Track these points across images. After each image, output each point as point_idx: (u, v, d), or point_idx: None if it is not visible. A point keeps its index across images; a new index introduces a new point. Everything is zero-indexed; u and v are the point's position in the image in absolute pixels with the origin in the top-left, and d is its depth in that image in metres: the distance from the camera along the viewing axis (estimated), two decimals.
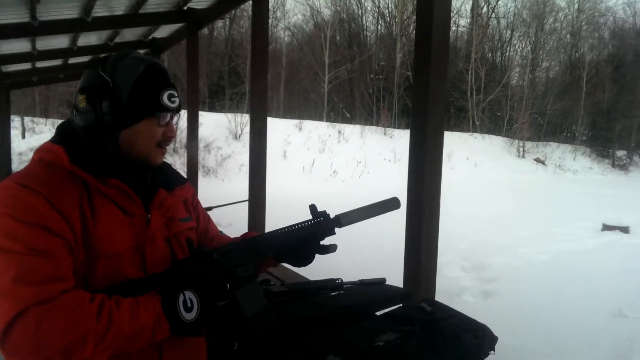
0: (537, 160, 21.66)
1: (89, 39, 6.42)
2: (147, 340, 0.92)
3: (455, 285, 4.56)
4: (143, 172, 1.09)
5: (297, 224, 1.16)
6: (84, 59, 7.67)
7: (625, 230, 7.79)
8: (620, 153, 24.37)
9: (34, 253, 0.86)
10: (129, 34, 6.62)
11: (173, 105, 1.05)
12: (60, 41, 6.19)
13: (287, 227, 1.16)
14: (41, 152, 1.01)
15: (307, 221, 1.17)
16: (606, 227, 8.01)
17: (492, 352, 1.50)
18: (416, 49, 2.45)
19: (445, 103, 2.73)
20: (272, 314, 1.09)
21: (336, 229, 1.19)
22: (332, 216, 1.19)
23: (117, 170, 1.02)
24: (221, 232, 1.42)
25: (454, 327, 1.41)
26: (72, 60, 7.76)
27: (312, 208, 1.18)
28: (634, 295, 4.07)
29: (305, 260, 1.19)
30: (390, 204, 1.25)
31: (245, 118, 14.93)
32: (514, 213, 9.67)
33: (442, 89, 2.47)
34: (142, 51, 7.75)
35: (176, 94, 1.06)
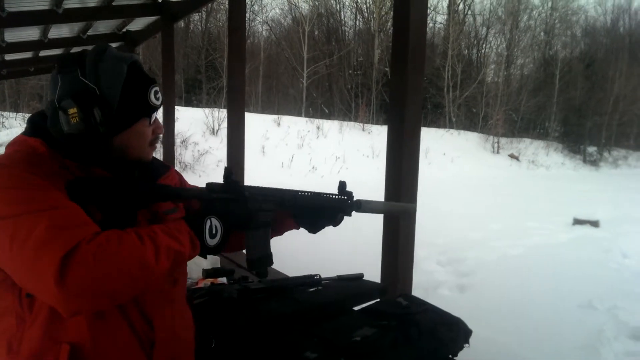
0: (512, 156, 22.13)
1: (60, 31, 6.23)
2: (184, 260, 0.95)
3: (432, 280, 4.63)
4: (131, 168, 1.06)
5: (324, 193, 1.21)
6: (56, 51, 7.46)
7: (595, 224, 8.04)
8: (591, 149, 25.11)
9: (55, 207, 0.84)
10: (102, 27, 6.45)
11: (159, 102, 1.04)
12: (30, 33, 6.00)
13: (313, 192, 1.19)
14: (15, 145, 0.96)
15: (333, 194, 1.21)
16: (577, 222, 8.24)
17: (467, 344, 1.53)
18: (393, 44, 2.45)
19: (423, 99, 2.75)
20: (271, 262, 1.14)
21: (353, 212, 1.24)
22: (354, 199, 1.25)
23: (102, 161, 0.99)
24: None
25: (429, 321, 1.43)
26: (43, 53, 7.53)
27: (342, 185, 1.22)
28: (604, 287, 4.21)
29: (318, 227, 1.23)
30: (407, 209, 1.37)
31: (223, 113, 14.77)
32: (489, 208, 9.86)
33: (419, 85, 2.49)
34: (115, 44, 7.57)
35: (159, 89, 1.05)
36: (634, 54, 28.06)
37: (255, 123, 15.02)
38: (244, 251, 1.15)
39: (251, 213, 1.08)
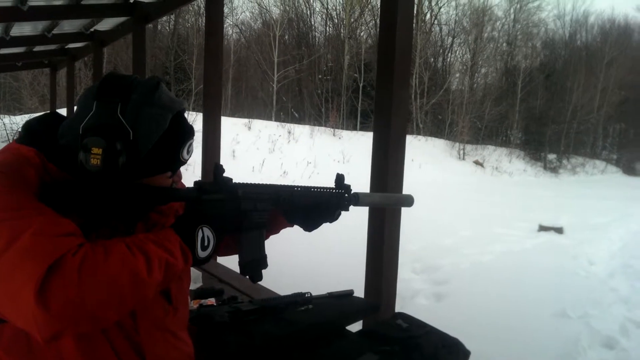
0: (476, 162, 22.68)
1: (22, 29, 5.93)
2: (176, 273, 0.85)
3: (409, 288, 4.64)
4: None
5: (320, 188, 1.13)
6: (17, 49, 7.10)
7: (559, 230, 8.30)
8: (551, 156, 26.08)
9: (42, 213, 0.76)
10: (68, 26, 6.18)
11: (190, 156, 0.97)
12: None
13: (309, 187, 1.12)
14: (6, 153, 0.86)
15: (330, 188, 1.14)
16: (542, 228, 8.48)
17: None
18: (379, 53, 2.44)
19: (407, 108, 2.76)
20: (266, 266, 1.06)
21: (351, 207, 1.18)
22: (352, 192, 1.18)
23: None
24: None
25: (431, 345, 1.40)
26: (3, 51, 7.14)
27: (339, 178, 1.15)
28: (574, 295, 4.33)
29: (314, 225, 1.15)
30: (406, 200, 1.27)
31: (192, 116, 14.46)
32: (457, 213, 10.03)
33: (405, 95, 2.50)
34: (82, 44, 7.28)
35: (193, 140, 0.99)
36: (590, 66, 29.34)
37: (226, 126, 14.77)
38: (228, 265, 1.09)
39: (244, 214, 1.00)
